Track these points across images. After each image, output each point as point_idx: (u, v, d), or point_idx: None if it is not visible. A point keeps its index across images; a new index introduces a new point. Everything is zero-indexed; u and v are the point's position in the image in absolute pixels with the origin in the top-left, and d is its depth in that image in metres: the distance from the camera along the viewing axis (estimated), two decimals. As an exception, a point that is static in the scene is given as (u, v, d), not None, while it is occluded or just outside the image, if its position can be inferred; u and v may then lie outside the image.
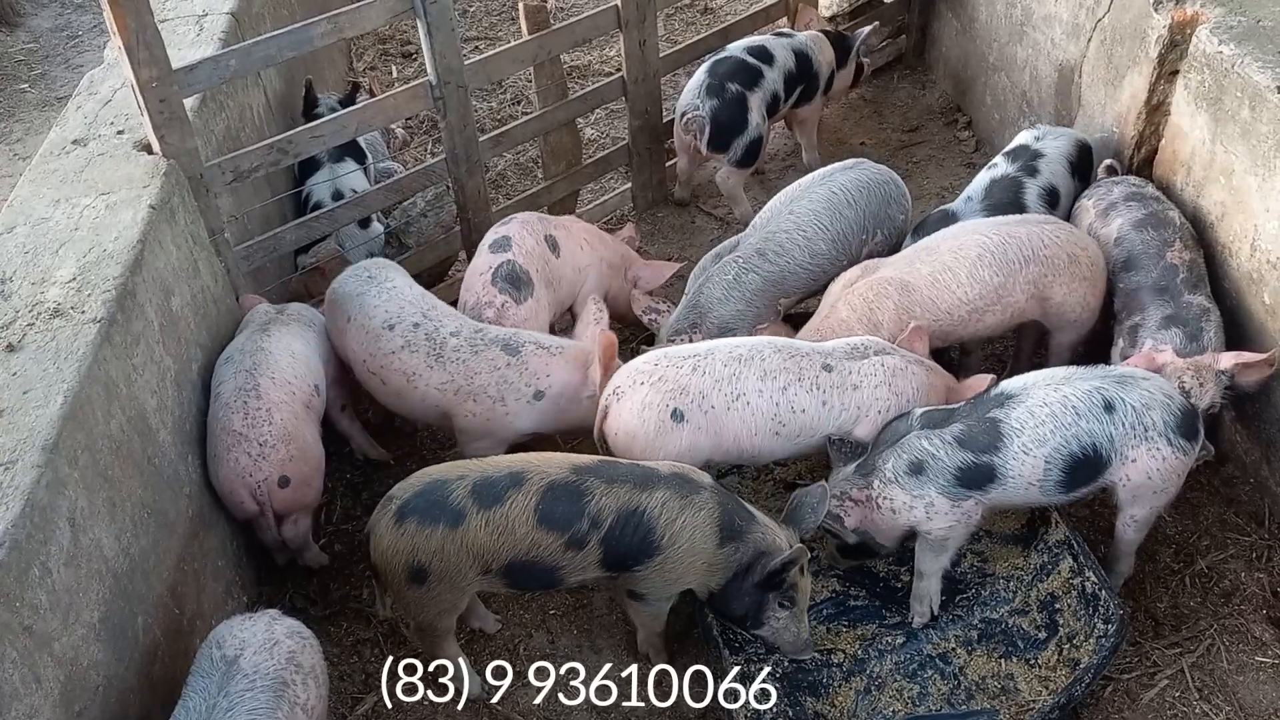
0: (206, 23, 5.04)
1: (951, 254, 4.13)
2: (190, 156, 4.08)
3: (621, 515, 3.31)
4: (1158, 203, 4.25)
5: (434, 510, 3.29)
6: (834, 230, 4.58)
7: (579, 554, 3.34)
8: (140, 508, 3.30)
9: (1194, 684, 3.63)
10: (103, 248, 3.55)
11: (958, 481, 3.52)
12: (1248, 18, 4.03)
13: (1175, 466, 3.50)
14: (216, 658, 2.93)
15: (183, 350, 3.82)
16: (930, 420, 3.59)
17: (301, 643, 3.08)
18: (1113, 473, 3.52)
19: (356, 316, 4.14)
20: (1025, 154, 4.68)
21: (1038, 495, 3.58)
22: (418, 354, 4.00)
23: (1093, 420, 3.45)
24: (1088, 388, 3.49)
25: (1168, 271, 4.02)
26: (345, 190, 5.28)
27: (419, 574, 3.32)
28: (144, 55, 3.80)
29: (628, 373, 3.80)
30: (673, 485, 3.37)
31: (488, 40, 7.74)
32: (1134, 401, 3.45)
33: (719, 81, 5.46)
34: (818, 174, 4.79)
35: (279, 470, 3.76)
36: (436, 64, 4.66)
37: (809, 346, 3.84)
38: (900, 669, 3.70)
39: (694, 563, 3.39)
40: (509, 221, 4.61)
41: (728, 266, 4.56)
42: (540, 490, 3.30)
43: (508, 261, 4.39)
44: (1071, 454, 3.47)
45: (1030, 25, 5.47)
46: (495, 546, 3.29)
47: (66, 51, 8.45)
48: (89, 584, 2.94)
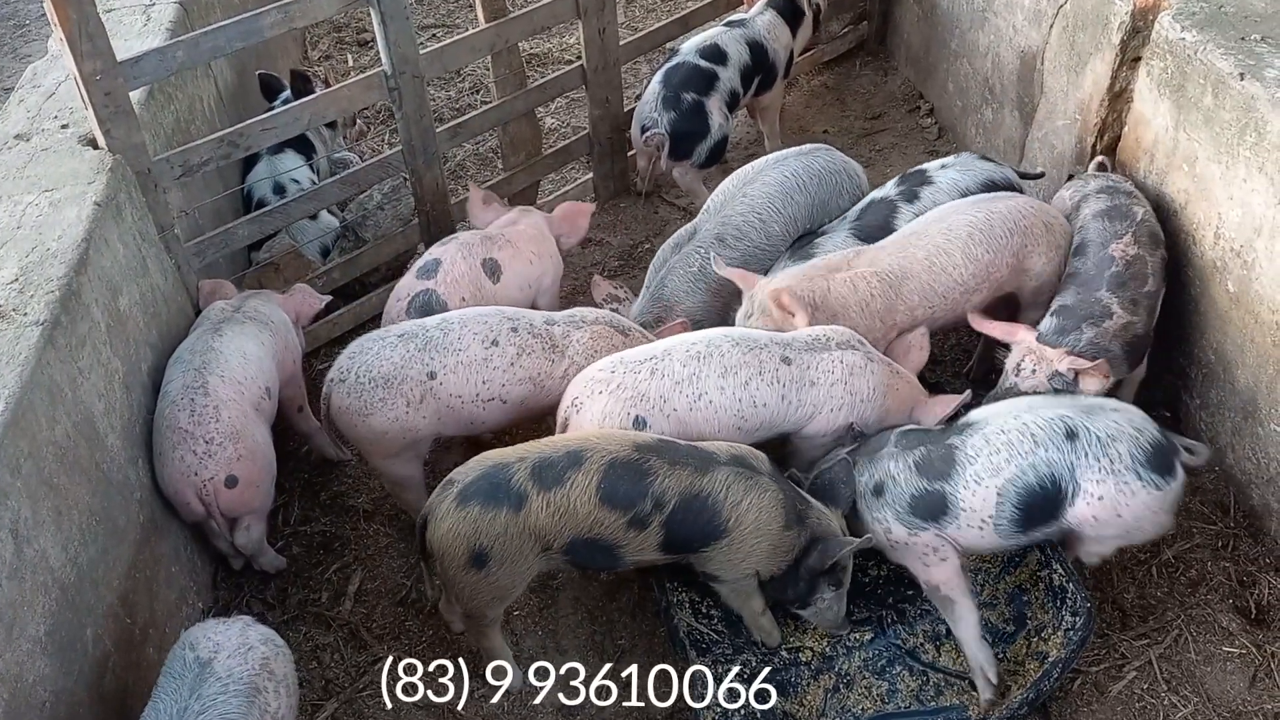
0: (154, 12, 4.92)
1: (943, 236, 4.09)
2: (137, 151, 3.97)
3: (685, 498, 3.31)
4: (1127, 197, 4.14)
5: (497, 493, 3.25)
6: (786, 214, 4.56)
7: (640, 534, 3.33)
8: (88, 515, 3.20)
9: (1162, 675, 3.62)
10: (46, 247, 3.44)
11: (911, 510, 3.46)
12: (1210, 4, 4.01)
13: (1148, 503, 3.31)
14: (190, 659, 2.87)
15: (131, 351, 3.72)
16: (904, 441, 3.55)
17: (275, 650, 3.03)
18: (1075, 513, 3.35)
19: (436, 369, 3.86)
20: (915, 179, 4.53)
21: (994, 536, 3.43)
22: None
23: (1052, 449, 3.31)
24: (1051, 415, 3.37)
25: (1102, 262, 3.93)
26: (287, 184, 5.18)
27: (480, 558, 3.28)
28: (87, 47, 3.70)
29: (584, 382, 3.70)
30: (734, 467, 3.38)
31: (445, 28, 7.62)
32: (1099, 431, 3.31)
33: (674, 93, 5.41)
34: (772, 157, 4.78)
35: (226, 469, 3.66)
36: (391, 53, 4.56)
37: (766, 336, 3.77)
38: (869, 666, 3.67)
39: (760, 544, 3.40)
40: (449, 242, 4.47)
41: (690, 257, 4.50)
42: (602, 468, 3.27)
43: (425, 291, 4.25)
44: (1027, 485, 3.33)
45: (992, 11, 5.44)
46: (557, 527, 3.28)
47: (14, 41, 8.24)
48: (34, 596, 2.84)
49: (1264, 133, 3.58)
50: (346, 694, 3.74)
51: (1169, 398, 4.35)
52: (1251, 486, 3.96)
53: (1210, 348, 4.04)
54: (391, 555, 4.20)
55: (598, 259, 5.56)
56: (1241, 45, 3.78)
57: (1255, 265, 3.72)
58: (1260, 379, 3.80)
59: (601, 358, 3.83)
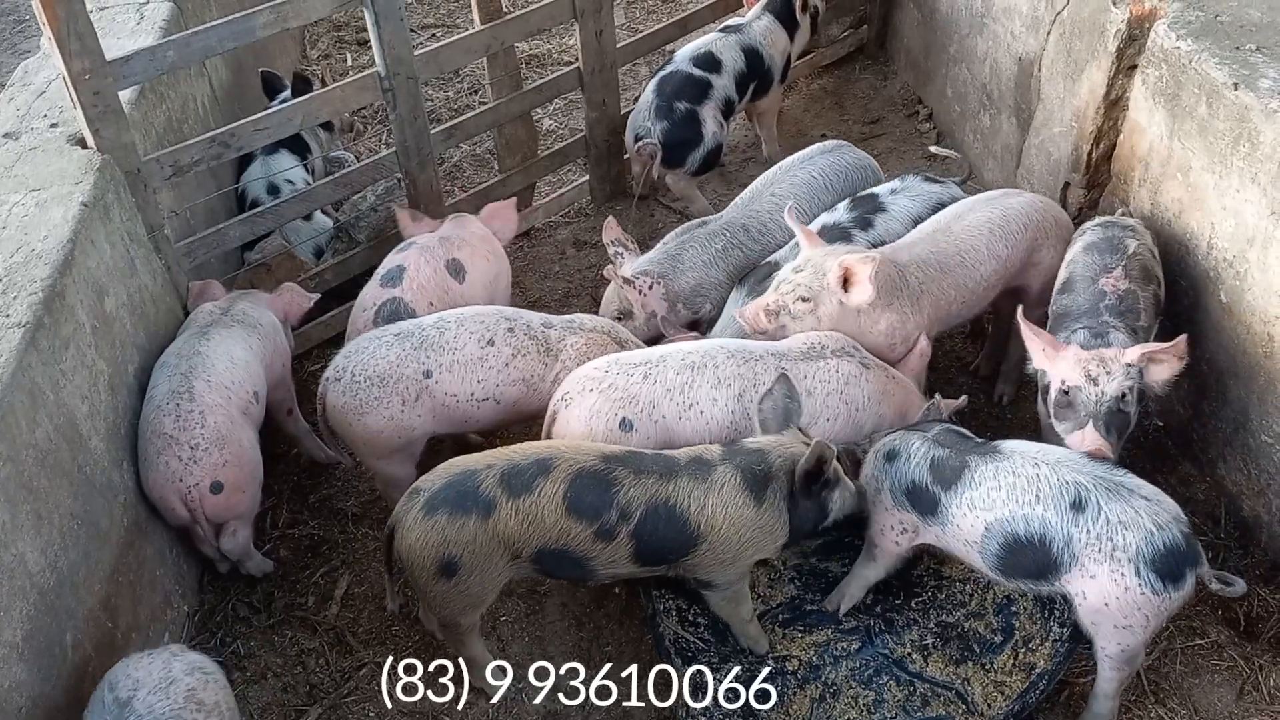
0: (148, 10, 4.91)
1: (967, 233, 4.10)
2: (127, 151, 3.95)
3: (650, 507, 3.27)
4: (1123, 230, 3.96)
5: (465, 501, 3.22)
6: (811, 215, 4.57)
7: (608, 545, 3.29)
8: (69, 519, 3.19)
9: (1149, 687, 3.60)
10: (31, 247, 3.43)
11: (907, 494, 3.46)
12: (1206, 13, 3.98)
13: (1139, 603, 3.12)
14: (109, 701, 2.79)
15: (117, 353, 3.70)
16: (941, 435, 3.50)
17: (204, 679, 2.94)
18: (1070, 581, 3.22)
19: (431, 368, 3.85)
20: (867, 205, 4.47)
21: (979, 560, 3.40)
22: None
23: (1052, 510, 3.18)
24: (1068, 478, 3.21)
25: (1095, 296, 3.76)
26: (281, 184, 5.17)
27: (449, 567, 3.25)
28: (75, 46, 3.68)
29: (577, 378, 3.71)
30: (690, 471, 3.33)
31: (445, 28, 7.61)
32: (1112, 513, 3.13)
33: (666, 102, 5.43)
34: (798, 156, 4.84)
35: (211, 475, 3.64)
36: (385, 54, 4.54)
37: (762, 348, 3.76)
38: (855, 675, 3.65)
39: (744, 534, 3.34)
40: (408, 247, 4.42)
41: (717, 236, 4.54)
42: (569, 477, 3.25)
43: (393, 300, 4.20)
44: (1014, 533, 3.24)
45: (990, 17, 5.42)
46: (526, 535, 3.25)
47: (13, 37, 8.24)
48: (11, 601, 2.83)
49: (1257, 143, 3.55)
50: (331, 699, 3.72)
51: (1162, 409, 4.33)
52: (1242, 498, 3.94)
53: (1203, 358, 4.01)
54: (380, 559, 4.17)
55: (593, 261, 5.54)
56: (1236, 55, 3.75)
57: (1248, 276, 3.70)
58: (1252, 390, 3.78)
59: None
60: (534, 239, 5.79)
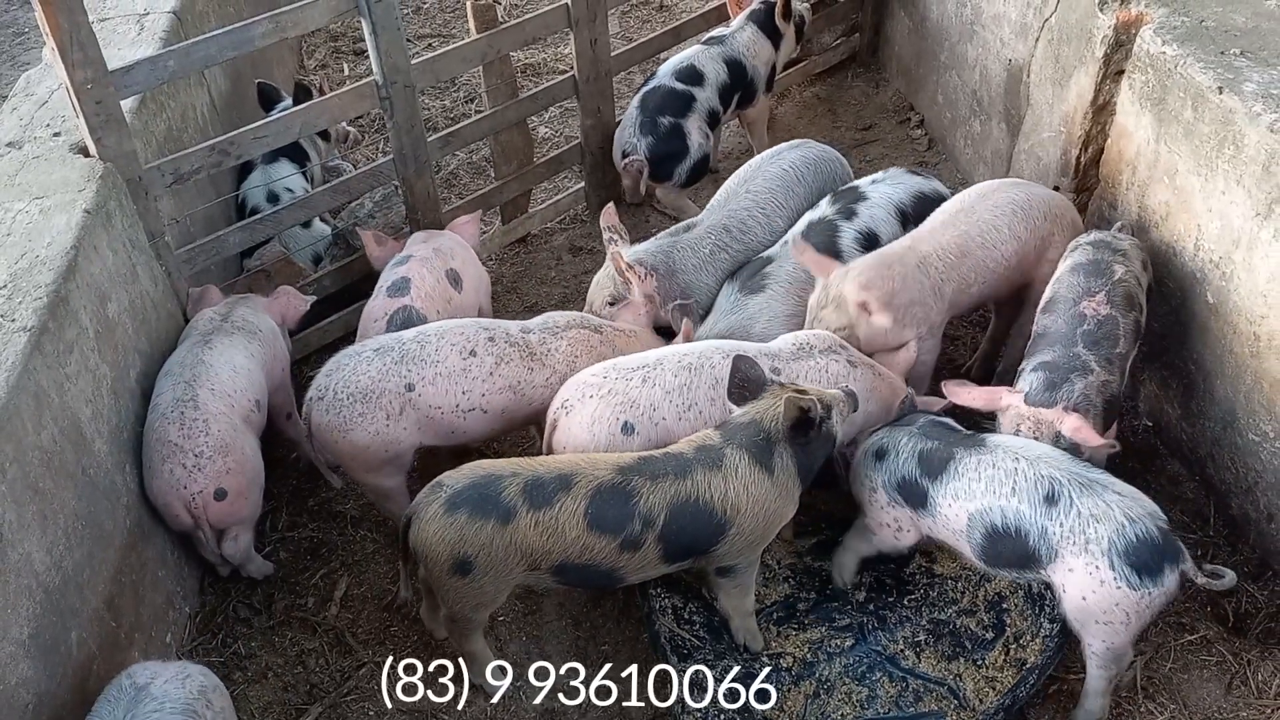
0: (148, 21, 4.96)
1: (990, 212, 4.16)
2: (128, 159, 4.01)
3: (674, 508, 3.31)
4: (1113, 255, 3.93)
5: (486, 504, 3.26)
6: (789, 207, 4.66)
7: (636, 554, 3.34)
8: (74, 519, 3.23)
9: (1139, 683, 3.64)
10: (35, 254, 3.48)
11: (899, 488, 3.55)
12: (1191, 18, 4.05)
13: (1116, 598, 3.19)
14: (126, 685, 2.88)
15: (120, 357, 3.75)
16: (927, 428, 3.62)
17: (214, 684, 3.05)
18: (1053, 571, 3.31)
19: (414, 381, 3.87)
20: (849, 196, 4.54)
21: (968, 551, 3.50)
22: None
23: (1025, 503, 3.30)
24: (1044, 473, 3.31)
25: (1073, 320, 3.77)
26: (280, 192, 5.22)
27: (464, 566, 3.29)
28: (78, 56, 3.73)
29: (576, 385, 3.75)
30: (703, 462, 3.37)
31: (441, 38, 7.66)
32: (1084, 506, 3.22)
33: (650, 117, 5.50)
34: (767, 154, 4.91)
35: (215, 482, 3.69)
36: (382, 63, 4.60)
37: (755, 348, 3.82)
38: (849, 672, 3.69)
39: (768, 508, 3.40)
40: (406, 260, 4.47)
41: (703, 240, 4.60)
42: (589, 494, 3.28)
43: (404, 308, 4.23)
44: (992, 524, 3.36)
45: (980, 24, 5.48)
46: (545, 547, 3.28)
47: (13, 49, 8.28)
48: (18, 600, 2.88)
49: (1241, 146, 3.61)
50: (331, 698, 3.77)
51: (1151, 408, 4.38)
52: (1230, 496, 3.99)
53: (1190, 358, 4.07)
54: (378, 561, 4.22)
55: (589, 267, 5.59)
56: (1221, 59, 3.82)
57: (1233, 277, 3.76)
58: (1239, 389, 3.83)
59: (582, 362, 3.89)
60: (530, 245, 5.84)
